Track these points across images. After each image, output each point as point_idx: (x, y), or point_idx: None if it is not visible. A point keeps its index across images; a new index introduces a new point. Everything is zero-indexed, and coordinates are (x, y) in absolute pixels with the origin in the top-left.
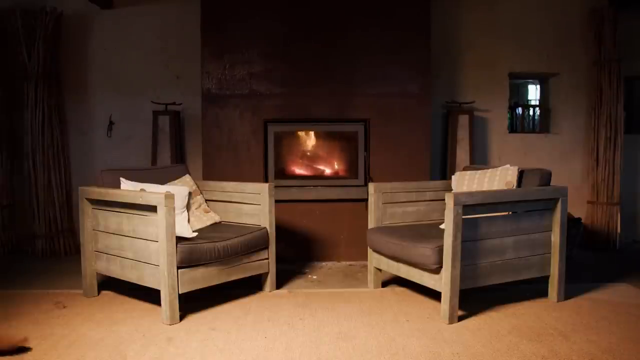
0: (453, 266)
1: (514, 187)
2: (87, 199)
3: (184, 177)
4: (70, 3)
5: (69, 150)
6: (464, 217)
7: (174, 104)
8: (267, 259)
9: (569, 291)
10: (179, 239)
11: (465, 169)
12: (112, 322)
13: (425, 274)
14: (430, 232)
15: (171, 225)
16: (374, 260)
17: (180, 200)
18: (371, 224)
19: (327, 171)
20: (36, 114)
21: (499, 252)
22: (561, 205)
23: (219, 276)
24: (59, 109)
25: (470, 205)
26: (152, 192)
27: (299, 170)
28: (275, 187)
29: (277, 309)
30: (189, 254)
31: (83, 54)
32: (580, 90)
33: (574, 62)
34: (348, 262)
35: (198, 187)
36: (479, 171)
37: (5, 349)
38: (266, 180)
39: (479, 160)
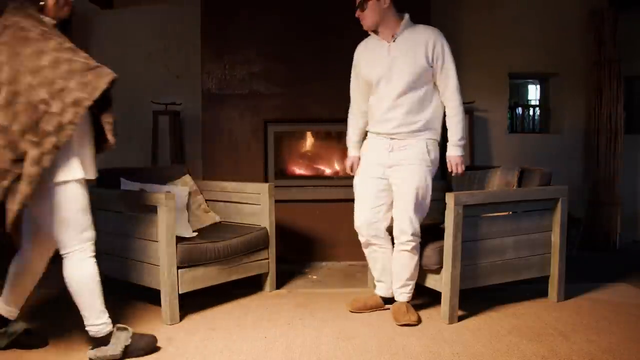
0: (453, 266)
1: (514, 187)
2: None
3: (183, 177)
4: None
5: None
6: (464, 217)
7: (174, 104)
8: (267, 259)
9: (569, 291)
10: (179, 239)
11: (465, 169)
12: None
13: (425, 274)
14: (431, 232)
15: (171, 225)
16: None
17: (180, 200)
18: None
19: (327, 171)
20: None
21: (499, 252)
22: (561, 205)
23: (219, 276)
24: None
25: (471, 205)
26: (152, 192)
27: (299, 170)
28: (275, 187)
29: (277, 309)
30: (189, 254)
31: None
32: (580, 90)
33: (574, 62)
34: (348, 262)
35: (198, 187)
36: (479, 171)
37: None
38: (266, 181)
39: (479, 160)
